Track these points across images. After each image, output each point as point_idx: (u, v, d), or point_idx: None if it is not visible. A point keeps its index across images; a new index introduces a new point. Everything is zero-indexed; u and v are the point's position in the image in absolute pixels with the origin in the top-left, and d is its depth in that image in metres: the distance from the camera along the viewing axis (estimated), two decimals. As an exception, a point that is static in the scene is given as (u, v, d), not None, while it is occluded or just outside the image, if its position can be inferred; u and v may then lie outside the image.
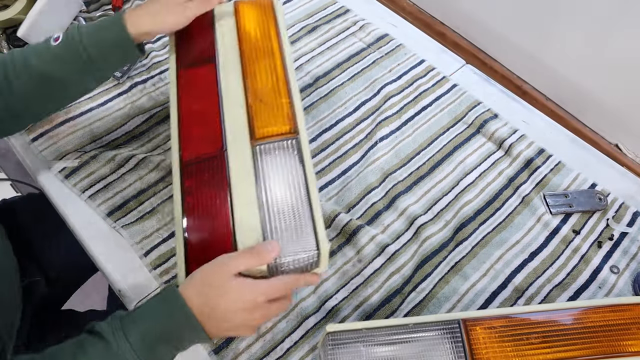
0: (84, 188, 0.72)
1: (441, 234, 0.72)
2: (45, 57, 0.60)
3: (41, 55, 0.60)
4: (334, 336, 0.51)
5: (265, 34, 0.70)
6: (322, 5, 0.99)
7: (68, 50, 0.60)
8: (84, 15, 0.92)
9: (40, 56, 0.60)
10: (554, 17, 0.87)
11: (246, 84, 0.65)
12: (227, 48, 0.68)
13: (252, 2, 0.74)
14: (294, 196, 0.58)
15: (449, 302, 0.66)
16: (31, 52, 0.60)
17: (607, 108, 0.88)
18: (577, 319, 0.53)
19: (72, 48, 0.60)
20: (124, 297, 0.66)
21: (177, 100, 0.65)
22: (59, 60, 0.60)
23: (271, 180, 0.59)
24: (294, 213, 0.57)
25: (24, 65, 0.59)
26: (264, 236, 0.55)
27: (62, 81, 0.62)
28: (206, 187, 0.59)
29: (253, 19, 0.71)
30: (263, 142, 0.60)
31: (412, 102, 0.86)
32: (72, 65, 0.61)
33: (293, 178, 0.59)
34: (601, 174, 0.79)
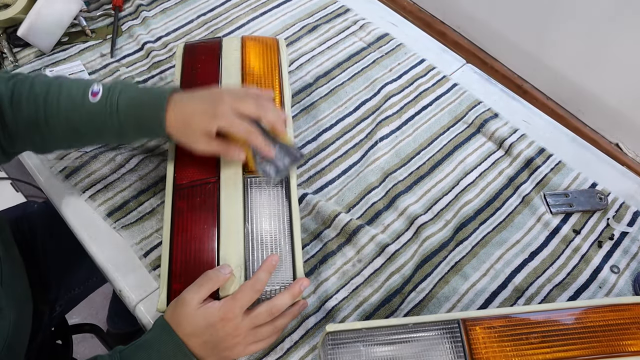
0: (84, 188, 0.73)
1: (441, 233, 0.72)
2: (80, 111, 0.59)
3: (75, 107, 0.59)
4: (333, 336, 0.51)
5: (268, 71, 0.75)
6: (323, 4, 0.98)
7: (102, 115, 0.59)
8: (84, 15, 0.92)
9: (74, 107, 0.59)
10: (555, 17, 0.87)
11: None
12: (230, 80, 0.73)
13: (258, 38, 0.78)
14: (277, 229, 0.63)
15: (449, 302, 0.66)
16: (66, 97, 0.59)
17: (607, 107, 0.88)
18: (577, 318, 0.53)
19: (107, 115, 0.59)
20: (124, 297, 0.66)
21: None
22: (91, 120, 0.59)
23: (258, 212, 0.64)
24: (276, 245, 0.62)
25: (56, 110, 0.59)
26: (245, 264, 0.60)
27: (88, 137, 0.62)
28: (196, 210, 0.63)
29: (258, 55, 0.75)
30: (254, 175, 0.65)
31: (413, 102, 0.86)
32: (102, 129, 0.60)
33: (278, 212, 0.64)
34: (602, 173, 0.79)
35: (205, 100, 0.59)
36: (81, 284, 0.91)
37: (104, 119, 0.59)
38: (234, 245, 0.60)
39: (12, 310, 0.59)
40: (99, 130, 0.60)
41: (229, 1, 0.98)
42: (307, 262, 0.68)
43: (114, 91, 0.59)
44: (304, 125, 0.82)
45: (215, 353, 0.54)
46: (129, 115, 0.59)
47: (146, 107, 0.59)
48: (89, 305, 1.49)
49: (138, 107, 0.59)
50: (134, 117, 0.59)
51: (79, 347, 1.40)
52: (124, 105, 0.58)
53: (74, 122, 0.59)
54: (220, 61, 0.74)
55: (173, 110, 0.58)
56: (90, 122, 0.59)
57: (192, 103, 0.59)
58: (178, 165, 0.66)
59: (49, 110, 0.58)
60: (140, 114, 0.59)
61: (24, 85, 0.60)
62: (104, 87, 0.59)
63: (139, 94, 0.59)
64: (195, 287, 0.55)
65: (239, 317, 0.54)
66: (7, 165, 1.52)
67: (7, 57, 0.86)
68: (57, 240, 0.86)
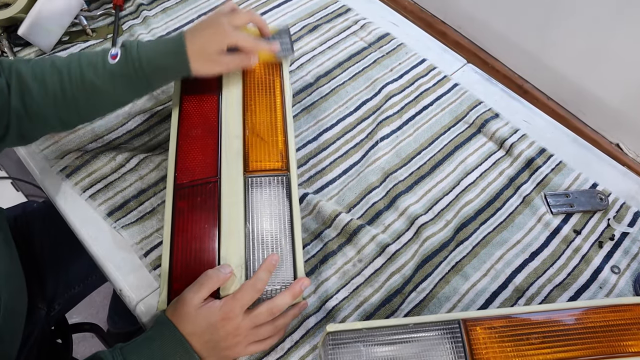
0: (84, 187, 0.73)
1: (442, 233, 0.72)
2: (102, 73, 0.62)
3: (97, 71, 0.62)
4: (334, 336, 0.51)
5: (269, 72, 0.76)
6: (323, 4, 0.98)
7: (126, 71, 0.62)
8: (85, 14, 0.92)
9: (96, 71, 0.62)
10: (555, 17, 0.87)
11: (246, 117, 0.70)
12: (231, 80, 0.73)
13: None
14: (278, 229, 0.63)
15: (450, 302, 0.66)
16: (87, 65, 0.62)
17: (608, 107, 0.88)
18: (578, 319, 0.53)
19: (131, 70, 0.63)
20: (124, 296, 0.66)
21: (178, 123, 0.69)
22: (115, 80, 0.63)
23: (258, 211, 0.63)
24: (276, 245, 0.62)
25: (80, 79, 0.61)
26: (246, 264, 0.59)
27: (114, 97, 0.65)
28: (197, 210, 0.63)
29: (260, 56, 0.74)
30: (255, 175, 0.65)
31: (413, 102, 0.86)
32: (127, 86, 0.64)
33: (279, 212, 0.64)
34: (602, 173, 0.79)
35: (209, 27, 0.66)
36: (80, 281, 0.91)
37: (129, 76, 0.63)
38: (234, 245, 0.60)
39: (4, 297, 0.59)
40: (124, 87, 0.64)
41: (229, 0, 0.98)
42: (308, 262, 0.68)
43: (131, 49, 0.63)
44: (304, 124, 0.82)
45: (216, 352, 0.54)
46: (154, 65, 0.63)
47: (169, 53, 0.64)
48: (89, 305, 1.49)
49: (160, 56, 0.63)
50: (159, 66, 0.64)
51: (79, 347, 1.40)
52: (146, 58, 0.63)
53: (99, 88, 0.62)
54: None
55: (190, 48, 0.63)
56: (115, 83, 0.62)
57: (200, 34, 0.65)
58: (179, 164, 0.66)
59: (73, 81, 0.61)
60: (165, 62, 0.64)
61: (44, 63, 0.62)
62: (121, 49, 0.63)
63: (155, 45, 0.64)
64: (196, 287, 0.55)
65: (239, 316, 0.54)
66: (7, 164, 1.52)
67: (8, 56, 0.86)
68: (55, 237, 0.86)
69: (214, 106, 0.70)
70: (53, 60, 0.63)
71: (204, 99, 0.71)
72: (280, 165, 0.67)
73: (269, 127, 0.69)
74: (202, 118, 0.69)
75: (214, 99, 0.71)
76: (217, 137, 0.68)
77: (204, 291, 0.55)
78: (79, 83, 0.61)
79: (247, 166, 0.66)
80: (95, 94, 0.62)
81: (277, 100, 0.72)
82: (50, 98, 0.61)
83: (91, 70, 0.61)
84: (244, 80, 0.73)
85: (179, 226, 0.62)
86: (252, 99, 0.71)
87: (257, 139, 0.68)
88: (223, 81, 0.72)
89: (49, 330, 0.90)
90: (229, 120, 0.69)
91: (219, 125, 0.68)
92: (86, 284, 0.93)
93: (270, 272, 0.57)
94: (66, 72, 0.61)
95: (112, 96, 0.64)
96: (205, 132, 0.68)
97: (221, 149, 0.67)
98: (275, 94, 0.72)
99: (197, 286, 0.55)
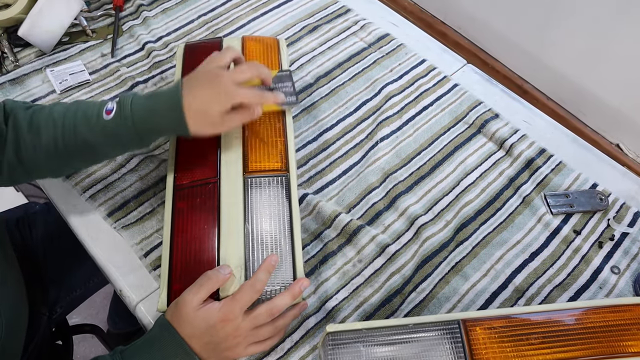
0: (84, 188, 0.73)
1: (442, 234, 0.72)
2: (95, 129, 0.59)
3: (91, 126, 0.59)
4: (334, 336, 0.51)
5: None
6: (323, 4, 0.99)
7: (119, 129, 0.59)
8: (85, 15, 0.92)
9: (89, 126, 0.59)
10: (555, 17, 0.87)
11: None
12: None
13: (259, 38, 0.78)
14: (277, 229, 0.63)
15: (449, 303, 0.66)
16: (82, 118, 0.60)
17: (608, 108, 0.88)
18: (578, 319, 0.53)
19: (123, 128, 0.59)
20: (124, 297, 0.66)
21: None
22: (107, 136, 0.60)
23: (258, 212, 0.63)
24: (276, 246, 0.62)
25: (73, 133, 0.59)
26: (245, 264, 0.59)
27: (106, 152, 0.63)
28: (197, 211, 0.63)
29: (258, 55, 0.76)
30: (255, 176, 0.65)
31: (413, 102, 0.86)
32: (119, 144, 0.62)
33: (279, 212, 0.64)
34: (602, 174, 0.79)
35: (210, 85, 0.60)
36: (82, 285, 0.91)
37: (122, 134, 0.59)
38: (234, 246, 0.60)
39: (5, 311, 0.59)
40: (116, 145, 0.62)
41: (229, 1, 0.98)
42: (308, 262, 0.68)
43: (125, 106, 0.59)
44: (304, 125, 0.82)
45: (216, 354, 0.54)
46: (147, 126, 0.59)
47: (164, 113, 0.59)
48: (89, 306, 1.49)
49: (154, 116, 0.59)
50: (152, 127, 0.60)
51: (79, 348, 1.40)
52: (139, 117, 0.59)
53: (91, 143, 0.60)
54: None
55: (188, 109, 0.58)
56: (107, 139, 0.60)
57: (200, 94, 0.59)
58: (178, 165, 0.66)
59: (66, 135, 0.59)
60: (159, 122, 0.60)
61: (43, 112, 0.61)
62: (116, 104, 0.60)
63: (150, 102, 0.60)
64: (195, 288, 0.55)
65: (239, 317, 0.54)
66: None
67: (8, 57, 0.86)
68: (58, 241, 0.86)
69: None
70: (51, 110, 0.61)
71: None
72: (280, 166, 0.67)
73: (269, 128, 0.69)
74: None
75: None
76: (217, 138, 0.68)
77: (203, 292, 0.55)
78: (72, 137, 0.59)
79: (247, 167, 0.66)
80: (87, 149, 0.61)
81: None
82: (42, 150, 0.60)
83: (85, 125, 0.60)
84: None
85: (179, 226, 0.62)
86: None
87: (257, 139, 0.68)
88: None
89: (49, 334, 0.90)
90: None
91: None
92: (88, 286, 0.93)
93: (270, 273, 0.57)
94: (60, 124, 0.60)
95: (104, 151, 0.63)
96: None
97: (221, 149, 0.67)
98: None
99: (196, 287, 0.55)
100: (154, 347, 0.54)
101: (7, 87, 0.83)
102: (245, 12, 0.96)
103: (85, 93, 0.83)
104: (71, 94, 0.83)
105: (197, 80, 0.60)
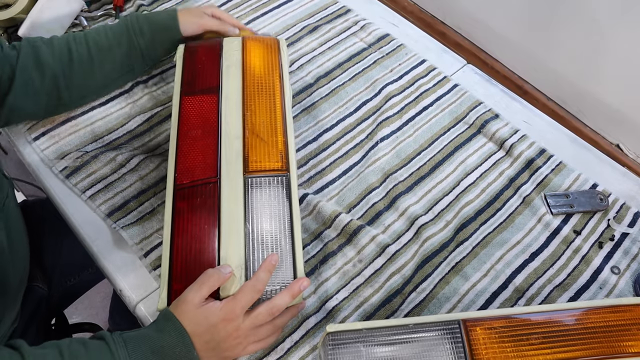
0: (84, 188, 0.73)
1: (442, 234, 0.72)
2: (102, 32, 0.74)
3: (99, 31, 0.74)
4: (334, 336, 0.51)
5: (268, 72, 0.75)
6: (323, 5, 0.99)
7: (122, 28, 0.74)
8: (85, 15, 0.92)
9: (98, 32, 0.74)
10: (555, 17, 0.87)
11: (245, 117, 0.70)
12: (231, 81, 0.73)
13: (259, 39, 0.78)
14: (278, 229, 0.63)
15: (450, 303, 0.66)
16: (92, 30, 0.75)
17: (608, 108, 0.88)
18: (578, 319, 0.53)
19: (127, 25, 0.75)
20: (124, 297, 0.66)
21: (178, 123, 0.69)
22: (113, 35, 0.74)
23: (258, 212, 0.63)
24: (276, 245, 0.62)
25: (85, 39, 0.73)
26: (246, 264, 0.59)
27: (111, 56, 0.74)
28: (197, 211, 0.63)
29: (259, 56, 0.75)
30: (255, 175, 0.65)
31: (413, 102, 0.86)
32: (122, 41, 0.74)
33: (279, 212, 0.64)
34: (602, 174, 0.79)
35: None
36: (76, 273, 0.91)
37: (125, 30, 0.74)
38: (234, 246, 0.60)
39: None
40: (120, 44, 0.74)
41: (229, 1, 0.98)
42: (308, 262, 0.68)
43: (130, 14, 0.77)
44: (304, 125, 0.82)
45: (216, 353, 0.54)
46: (145, 18, 0.75)
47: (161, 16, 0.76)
48: (89, 306, 1.49)
49: (152, 14, 0.76)
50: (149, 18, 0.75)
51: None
52: (140, 14, 0.76)
53: (99, 43, 0.73)
54: (221, 62, 0.74)
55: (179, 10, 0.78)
56: (112, 37, 0.73)
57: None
58: (179, 165, 0.66)
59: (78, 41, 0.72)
60: (156, 15, 0.76)
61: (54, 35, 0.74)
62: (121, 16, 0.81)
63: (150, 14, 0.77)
64: (197, 286, 0.55)
65: (240, 317, 0.54)
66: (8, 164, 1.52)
67: (8, 56, 0.86)
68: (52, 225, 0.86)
69: (214, 107, 0.70)
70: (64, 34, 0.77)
71: (204, 99, 0.71)
72: (280, 166, 0.66)
73: (269, 128, 0.69)
74: (202, 118, 0.69)
75: (213, 100, 0.71)
76: (217, 138, 0.68)
77: (204, 289, 0.55)
78: (82, 42, 0.72)
79: (247, 166, 0.66)
80: (95, 52, 0.72)
81: (276, 100, 0.72)
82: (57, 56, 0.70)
83: (94, 32, 0.74)
84: (244, 81, 0.73)
85: (179, 226, 0.62)
86: (252, 100, 0.71)
87: (257, 139, 0.68)
88: (223, 82, 0.72)
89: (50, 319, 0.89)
90: (229, 121, 0.69)
91: (219, 125, 0.68)
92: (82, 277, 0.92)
93: (270, 273, 0.57)
94: (72, 36, 0.73)
95: (110, 54, 0.74)
96: (205, 133, 0.68)
97: (221, 149, 0.67)
98: (275, 94, 0.72)
99: (197, 285, 0.55)
100: (155, 334, 0.53)
101: (7, 87, 0.82)
102: (245, 12, 0.96)
103: (85, 93, 0.83)
104: (71, 94, 0.82)
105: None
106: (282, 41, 0.80)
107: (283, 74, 0.75)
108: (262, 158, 0.66)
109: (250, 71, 0.74)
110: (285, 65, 0.77)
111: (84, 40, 0.73)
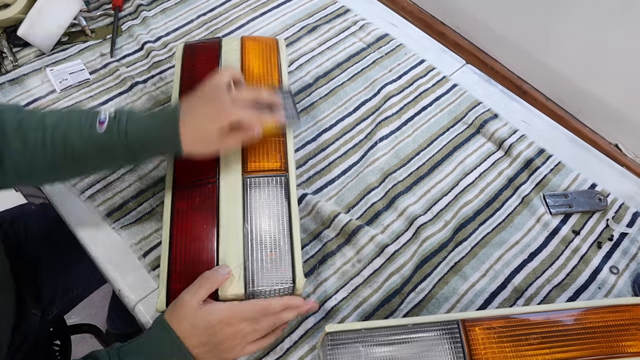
0: (83, 188, 0.73)
1: (441, 234, 0.72)
2: (86, 139, 0.56)
3: (82, 136, 0.56)
4: (333, 336, 0.51)
5: (267, 72, 0.75)
6: (322, 5, 0.99)
7: (110, 143, 0.57)
8: (84, 15, 0.92)
9: (81, 136, 0.56)
10: (554, 17, 0.87)
11: None
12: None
13: (258, 39, 0.78)
14: (276, 229, 0.63)
15: (448, 303, 0.66)
16: (75, 125, 0.57)
17: (607, 108, 0.88)
18: (577, 319, 0.53)
19: (116, 143, 0.57)
20: (123, 297, 0.66)
21: None
22: (98, 149, 0.57)
23: (257, 212, 0.63)
24: (275, 245, 0.62)
25: (63, 142, 0.56)
26: (245, 264, 0.59)
27: (94, 165, 0.61)
28: (196, 211, 0.63)
29: (257, 55, 0.75)
30: (254, 175, 0.65)
31: (412, 102, 0.86)
32: (109, 158, 0.59)
33: (278, 212, 0.64)
34: (601, 174, 0.79)
35: (208, 103, 0.59)
36: (79, 284, 0.91)
37: (113, 149, 0.57)
38: (233, 246, 0.60)
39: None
40: (106, 160, 0.59)
41: (228, 1, 0.98)
42: (307, 262, 0.68)
43: (120, 121, 0.57)
44: (303, 125, 0.82)
45: (214, 354, 0.54)
46: (141, 143, 0.58)
47: (158, 128, 0.58)
48: (88, 306, 1.49)
49: (149, 134, 0.58)
50: (145, 145, 0.58)
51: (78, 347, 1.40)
52: (133, 134, 0.57)
53: (79, 154, 0.57)
54: (220, 61, 0.74)
55: (184, 127, 0.57)
56: (96, 152, 0.57)
57: (199, 113, 0.58)
58: (178, 165, 0.66)
59: (56, 143, 0.56)
60: (153, 140, 0.58)
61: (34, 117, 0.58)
62: (109, 117, 0.57)
63: (146, 120, 0.59)
64: (194, 288, 0.55)
65: (241, 324, 0.55)
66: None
67: (7, 56, 0.86)
68: (54, 241, 0.86)
69: None
70: (44, 115, 0.57)
71: None
72: (279, 166, 0.67)
73: (268, 128, 0.69)
74: None
75: None
76: None
77: (202, 292, 0.55)
78: (61, 146, 0.56)
79: (246, 166, 0.66)
80: (74, 160, 0.57)
81: None
82: (28, 155, 0.56)
83: (76, 134, 0.56)
84: None
85: (178, 227, 0.62)
86: None
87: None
88: None
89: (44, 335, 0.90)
90: None
91: None
92: (85, 286, 0.93)
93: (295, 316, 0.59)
94: (50, 131, 0.56)
95: (93, 164, 0.60)
96: None
97: None
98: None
99: (195, 287, 0.55)
100: (152, 345, 0.54)
101: (7, 87, 0.82)
102: (244, 12, 0.96)
103: (85, 93, 0.83)
104: (71, 94, 0.82)
105: (196, 99, 0.60)
106: (281, 41, 0.80)
107: (282, 73, 0.75)
108: (261, 158, 0.67)
109: (249, 71, 0.74)
110: (284, 65, 0.77)
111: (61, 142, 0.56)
